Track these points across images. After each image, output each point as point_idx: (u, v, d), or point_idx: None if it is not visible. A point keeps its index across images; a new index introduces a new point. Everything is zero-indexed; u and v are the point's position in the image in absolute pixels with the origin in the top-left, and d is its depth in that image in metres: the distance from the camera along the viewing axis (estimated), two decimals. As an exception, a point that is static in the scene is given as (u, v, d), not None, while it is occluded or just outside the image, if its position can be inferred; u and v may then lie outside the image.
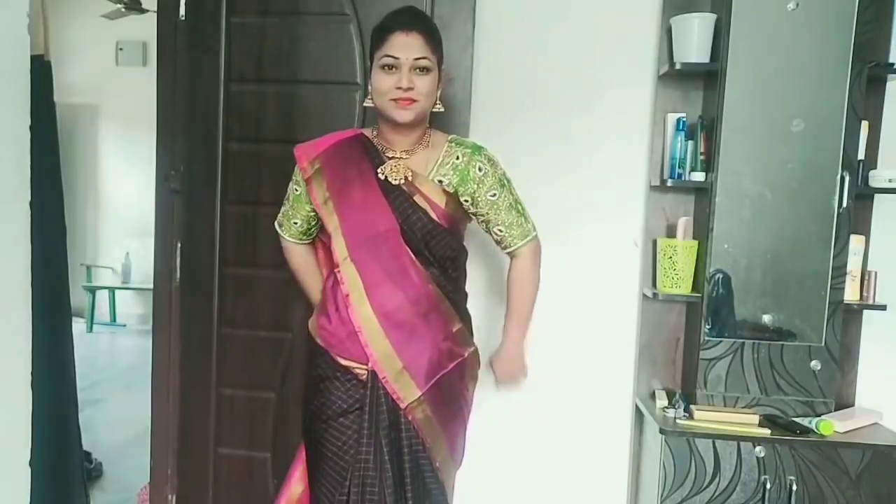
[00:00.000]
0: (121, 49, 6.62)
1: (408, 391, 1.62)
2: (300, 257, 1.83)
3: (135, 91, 5.83)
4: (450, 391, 1.68)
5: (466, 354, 1.71)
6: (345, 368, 1.66)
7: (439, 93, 1.66)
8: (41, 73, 2.04)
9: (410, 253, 1.62)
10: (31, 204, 1.20)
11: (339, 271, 1.64)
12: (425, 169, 1.65)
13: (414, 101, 1.57)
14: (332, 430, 1.66)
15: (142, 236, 6.09)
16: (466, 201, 1.67)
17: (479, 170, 1.65)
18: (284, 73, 2.19)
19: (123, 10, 5.17)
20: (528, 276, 1.75)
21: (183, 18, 2.21)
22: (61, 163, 2.45)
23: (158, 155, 2.31)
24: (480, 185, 1.65)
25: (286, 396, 2.23)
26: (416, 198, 1.63)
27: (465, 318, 1.76)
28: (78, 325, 6.31)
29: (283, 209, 1.79)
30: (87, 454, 3.23)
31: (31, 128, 1.19)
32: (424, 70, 1.57)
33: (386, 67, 1.57)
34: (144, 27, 4.58)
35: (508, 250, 1.74)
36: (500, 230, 1.70)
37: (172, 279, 2.30)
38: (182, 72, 2.22)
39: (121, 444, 3.63)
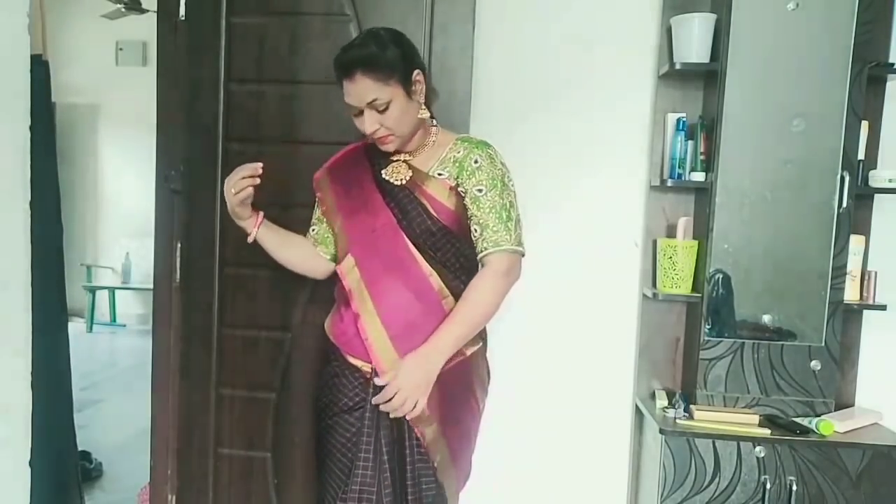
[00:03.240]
0: (121, 49, 6.62)
1: None
2: (299, 247, 1.83)
3: (135, 91, 5.83)
4: (450, 391, 1.64)
5: (468, 353, 1.66)
6: (353, 367, 1.67)
7: (421, 99, 1.62)
8: (39, 72, 2.04)
9: (410, 246, 1.61)
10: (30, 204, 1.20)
11: (340, 267, 1.69)
12: (427, 166, 1.65)
13: (388, 135, 1.58)
14: (338, 426, 1.67)
15: (142, 236, 6.10)
16: (463, 194, 1.63)
17: (475, 162, 1.62)
18: (284, 73, 2.18)
19: (123, 10, 5.17)
20: (486, 290, 1.59)
21: (183, 18, 2.20)
22: (61, 163, 2.46)
23: (158, 155, 2.31)
24: (471, 177, 1.61)
25: (286, 396, 2.23)
26: (417, 194, 1.62)
27: None
28: (78, 325, 6.32)
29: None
30: (87, 454, 3.23)
31: (30, 128, 1.19)
32: (383, 107, 1.55)
33: (352, 111, 1.59)
34: (144, 27, 4.59)
35: (480, 256, 1.62)
36: (477, 229, 1.61)
37: (172, 279, 2.29)
38: (182, 72, 2.22)
39: (121, 444, 3.63)
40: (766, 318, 2.09)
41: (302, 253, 1.81)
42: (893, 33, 2.10)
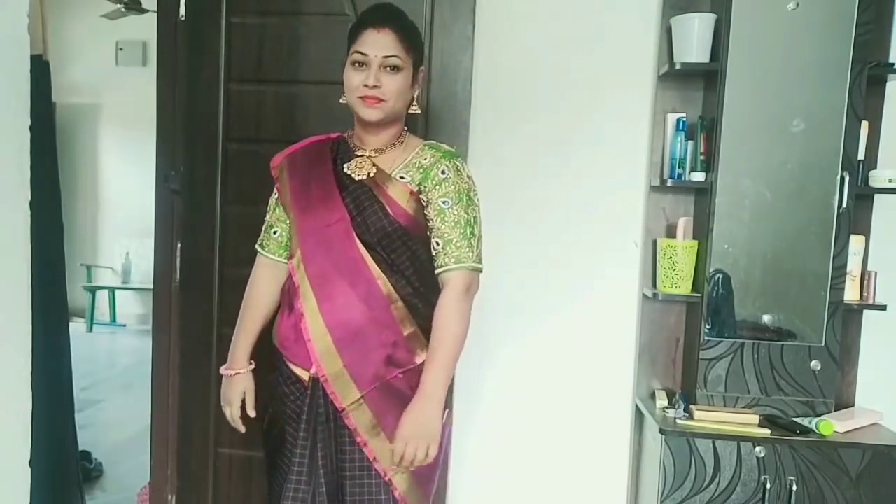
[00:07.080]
0: (121, 49, 6.62)
1: (346, 392, 1.55)
2: (265, 283, 1.72)
3: (135, 91, 5.84)
4: (400, 402, 1.54)
5: (419, 363, 1.56)
6: (294, 375, 1.61)
7: (416, 94, 1.62)
8: (39, 72, 2.04)
9: (361, 247, 1.56)
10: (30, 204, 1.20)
11: (291, 262, 1.63)
12: (391, 167, 1.60)
13: (381, 100, 1.53)
14: (285, 437, 1.63)
15: (142, 236, 6.10)
16: (425, 202, 1.57)
17: (442, 173, 1.57)
18: (284, 73, 2.18)
19: (123, 10, 5.17)
20: (453, 311, 1.53)
21: (183, 18, 2.21)
22: (61, 163, 2.45)
23: (158, 155, 2.32)
24: (437, 188, 1.56)
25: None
26: (377, 192, 1.58)
27: (425, 326, 1.58)
28: (78, 326, 6.31)
29: (264, 226, 1.75)
30: (88, 454, 3.23)
31: (30, 128, 1.19)
32: (394, 69, 1.53)
33: (356, 64, 1.54)
34: (144, 27, 4.59)
35: (439, 271, 1.55)
36: (438, 243, 1.55)
37: (172, 279, 2.29)
38: (182, 72, 2.22)
39: (121, 444, 3.63)
40: (766, 318, 2.09)
41: (275, 291, 1.72)
42: (893, 33, 2.10)
